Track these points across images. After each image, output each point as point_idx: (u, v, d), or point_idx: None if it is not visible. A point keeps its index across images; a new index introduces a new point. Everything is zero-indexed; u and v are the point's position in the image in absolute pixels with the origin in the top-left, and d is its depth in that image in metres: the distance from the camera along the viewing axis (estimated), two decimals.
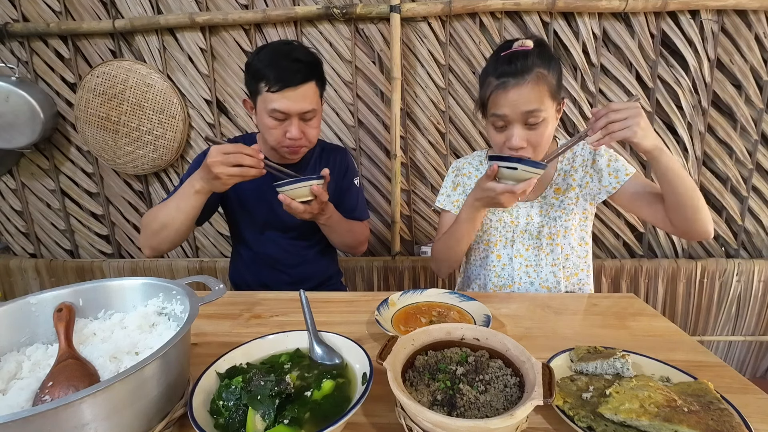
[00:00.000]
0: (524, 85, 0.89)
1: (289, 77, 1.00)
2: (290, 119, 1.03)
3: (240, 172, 0.93)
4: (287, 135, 1.04)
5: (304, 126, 1.06)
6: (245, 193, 1.18)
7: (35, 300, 0.62)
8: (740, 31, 1.53)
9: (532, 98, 0.90)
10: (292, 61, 1.01)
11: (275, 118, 1.03)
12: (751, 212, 1.70)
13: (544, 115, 0.91)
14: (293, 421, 0.49)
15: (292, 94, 1.01)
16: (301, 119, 1.05)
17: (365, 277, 1.86)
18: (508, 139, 0.94)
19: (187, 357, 0.58)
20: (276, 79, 0.99)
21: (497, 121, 0.95)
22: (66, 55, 1.76)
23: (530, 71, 0.89)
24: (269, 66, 1.00)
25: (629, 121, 0.80)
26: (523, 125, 0.92)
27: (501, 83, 0.91)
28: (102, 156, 1.80)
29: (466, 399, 0.50)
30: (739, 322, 1.79)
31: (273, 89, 1.00)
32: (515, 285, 1.09)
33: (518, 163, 0.84)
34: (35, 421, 0.38)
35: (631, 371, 0.61)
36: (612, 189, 1.03)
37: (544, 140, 0.95)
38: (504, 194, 0.87)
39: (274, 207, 1.18)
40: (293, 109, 1.02)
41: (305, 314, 0.67)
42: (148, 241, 1.07)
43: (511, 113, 0.92)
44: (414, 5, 1.57)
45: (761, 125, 1.60)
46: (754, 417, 0.52)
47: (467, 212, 1.00)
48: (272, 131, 1.05)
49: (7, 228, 2.01)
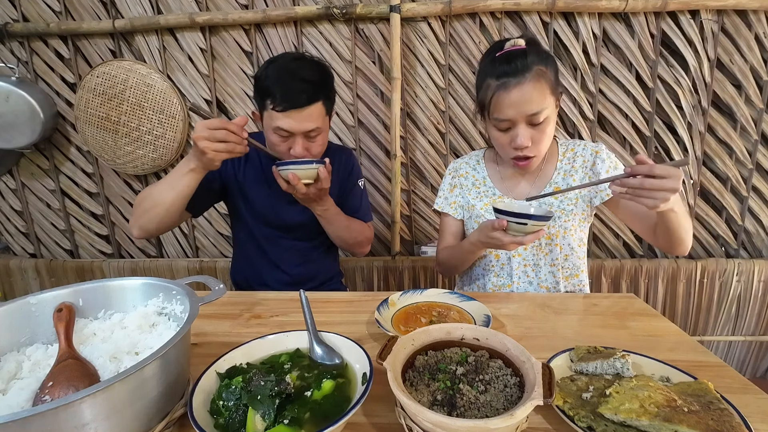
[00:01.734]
0: (525, 84, 0.89)
1: (295, 98, 0.99)
2: (294, 137, 1.04)
3: (225, 148, 0.91)
4: (291, 152, 1.05)
5: (308, 143, 1.06)
6: (249, 192, 1.18)
7: (35, 300, 0.62)
8: (740, 31, 1.53)
9: (535, 97, 0.90)
10: (299, 80, 1.00)
11: (279, 135, 1.04)
12: (751, 212, 1.70)
13: (547, 113, 0.92)
14: (293, 421, 0.49)
15: (297, 115, 1.00)
16: (306, 137, 1.05)
17: (365, 277, 1.86)
18: (513, 139, 0.95)
19: (187, 357, 0.58)
20: (281, 99, 0.99)
21: (501, 123, 0.95)
22: (66, 55, 1.76)
23: (530, 69, 0.89)
24: (276, 84, 1.00)
25: (660, 194, 0.73)
26: (528, 124, 0.93)
27: (502, 84, 0.91)
28: (102, 156, 1.80)
29: (466, 399, 0.50)
30: (739, 322, 1.79)
31: (278, 108, 0.99)
32: (514, 285, 1.09)
33: (528, 219, 0.82)
34: (35, 421, 0.38)
35: (631, 371, 0.61)
36: (606, 196, 1.04)
37: (546, 137, 0.95)
38: (511, 244, 0.87)
39: (276, 209, 1.19)
40: (297, 129, 1.02)
41: (305, 314, 0.67)
42: (137, 220, 1.05)
43: (515, 115, 0.92)
44: (414, 5, 1.57)
45: (761, 125, 1.60)
46: (754, 417, 0.52)
47: (472, 246, 1.01)
48: (277, 147, 1.06)
49: (7, 228, 2.01)
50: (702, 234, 1.75)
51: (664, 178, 0.72)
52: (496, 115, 0.94)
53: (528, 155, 0.97)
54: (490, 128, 0.99)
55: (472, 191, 1.14)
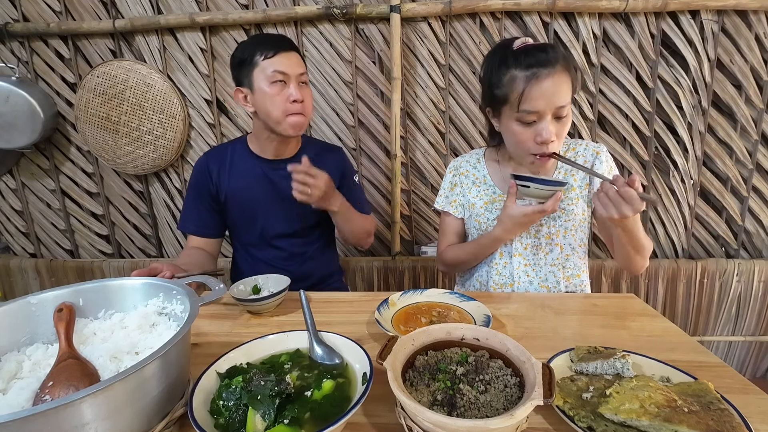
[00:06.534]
0: (556, 75, 0.89)
1: (282, 43, 1.10)
2: (290, 83, 1.08)
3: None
4: (291, 98, 1.08)
5: (302, 92, 1.10)
6: (238, 199, 1.20)
7: (35, 300, 0.62)
8: (740, 31, 1.53)
9: (564, 89, 0.90)
10: (277, 37, 1.13)
11: (277, 81, 1.07)
12: (751, 212, 1.70)
13: (569, 108, 0.93)
14: (293, 421, 0.49)
15: (288, 57, 1.09)
16: (298, 85, 1.10)
17: (365, 277, 1.86)
18: (538, 134, 0.92)
19: (187, 357, 0.58)
20: (272, 45, 1.08)
21: (528, 116, 0.92)
22: (66, 55, 1.76)
23: (558, 60, 0.90)
24: (261, 41, 1.09)
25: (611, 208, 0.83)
26: (554, 117, 0.92)
27: (533, 74, 0.89)
28: (102, 156, 1.80)
29: (466, 399, 0.50)
30: (739, 322, 1.79)
31: (270, 54, 1.07)
32: (515, 284, 1.09)
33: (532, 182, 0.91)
34: (35, 420, 0.38)
35: (631, 371, 0.61)
36: None
37: (564, 133, 0.96)
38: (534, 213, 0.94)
39: (270, 217, 1.21)
40: (292, 70, 1.08)
41: (305, 314, 0.68)
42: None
43: (545, 106, 0.90)
44: (414, 5, 1.57)
45: (761, 125, 1.60)
46: (754, 417, 0.52)
47: (493, 243, 1.06)
48: (276, 99, 1.08)
49: (7, 228, 2.01)
50: (702, 234, 1.75)
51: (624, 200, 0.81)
52: (525, 107, 0.91)
53: (551, 151, 0.95)
54: (511, 123, 0.96)
55: (472, 189, 1.14)
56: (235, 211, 1.22)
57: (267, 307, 0.91)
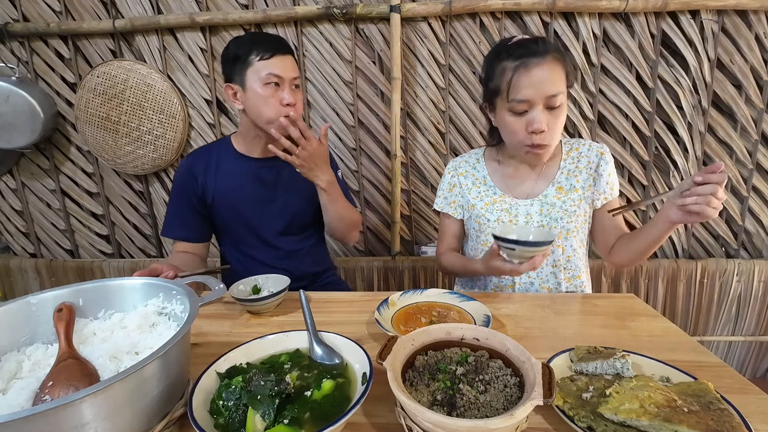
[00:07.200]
0: (545, 64, 0.90)
1: (278, 45, 1.08)
2: (283, 87, 1.07)
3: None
4: (284, 101, 1.07)
5: (294, 95, 1.09)
6: (227, 200, 1.19)
7: (35, 300, 0.62)
8: (740, 31, 1.53)
9: (554, 78, 0.91)
10: (272, 37, 1.10)
11: (271, 83, 1.06)
12: (751, 212, 1.70)
13: (562, 99, 0.92)
14: (293, 421, 0.49)
15: (283, 60, 1.07)
16: (291, 88, 1.09)
17: (365, 277, 1.86)
18: (529, 123, 0.93)
19: (187, 357, 0.58)
20: (268, 47, 1.06)
21: (519, 105, 0.93)
22: (66, 55, 1.76)
23: (549, 51, 0.91)
24: (256, 41, 1.07)
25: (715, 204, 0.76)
26: (545, 107, 0.93)
27: (521, 63, 0.91)
28: (102, 156, 1.80)
29: (466, 399, 0.50)
30: (739, 322, 1.79)
31: (266, 56, 1.05)
32: (516, 285, 1.09)
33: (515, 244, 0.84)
34: (35, 420, 0.38)
35: (631, 371, 0.61)
36: (605, 199, 1.05)
37: (559, 125, 0.95)
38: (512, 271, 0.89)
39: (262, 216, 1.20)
40: (287, 74, 1.07)
41: (305, 314, 0.67)
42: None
43: (534, 95, 0.91)
44: (414, 5, 1.57)
45: (761, 125, 1.60)
46: (754, 417, 0.52)
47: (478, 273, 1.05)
48: (269, 100, 1.07)
49: (7, 228, 2.01)
50: (702, 234, 1.75)
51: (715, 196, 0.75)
52: (514, 96, 0.93)
53: (543, 142, 0.95)
54: (504, 114, 0.97)
55: (472, 191, 1.14)
56: (224, 212, 1.20)
57: (267, 307, 0.91)
